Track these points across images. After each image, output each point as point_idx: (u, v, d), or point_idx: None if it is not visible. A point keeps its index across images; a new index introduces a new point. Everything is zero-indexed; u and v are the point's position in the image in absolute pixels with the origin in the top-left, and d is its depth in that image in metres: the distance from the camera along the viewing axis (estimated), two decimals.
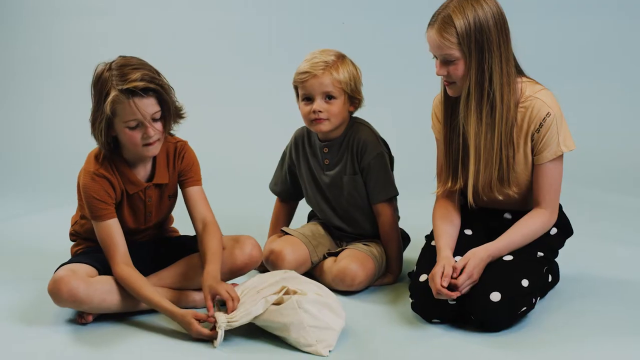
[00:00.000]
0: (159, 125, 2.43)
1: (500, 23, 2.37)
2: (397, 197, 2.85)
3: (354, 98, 2.76)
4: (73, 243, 2.69)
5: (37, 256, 3.12)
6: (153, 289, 2.45)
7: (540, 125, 2.42)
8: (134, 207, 2.56)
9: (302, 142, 2.90)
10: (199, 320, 2.33)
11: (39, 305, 2.58)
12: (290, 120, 3.09)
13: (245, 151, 4.33)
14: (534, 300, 2.44)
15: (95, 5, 4.88)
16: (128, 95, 2.36)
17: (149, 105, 2.39)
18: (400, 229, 2.89)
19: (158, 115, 2.43)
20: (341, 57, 2.74)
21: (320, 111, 2.70)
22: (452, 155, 2.53)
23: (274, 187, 3.03)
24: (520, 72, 2.47)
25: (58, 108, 4.74)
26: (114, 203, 2.49)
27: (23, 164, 4.52)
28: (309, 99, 2.73)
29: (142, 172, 2.55)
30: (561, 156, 2.47)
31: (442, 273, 2.35)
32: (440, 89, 2.52)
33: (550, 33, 4.71)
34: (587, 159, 3.99)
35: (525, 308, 2.40)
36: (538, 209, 2.48)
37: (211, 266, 2.45)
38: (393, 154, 2.88)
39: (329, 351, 2.27)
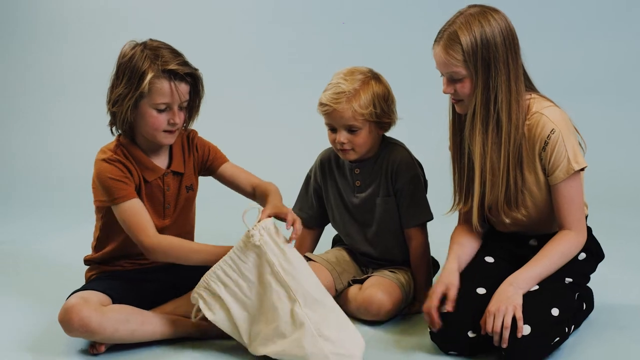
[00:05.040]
0: (182, 115, 2.44)
1: (509, 39, 2.30)
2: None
3: (382, 123, 2.67)
4: (87, 267, 2.63)
5: (51, 279, 3.09)
6: (197, 243, 2.43)
7: (546, 144, 2.32)
8: (153, 197, 2.50)
9: (329, 164, 2.82)
10: None
11: (51, 333, 2.51)
12: (310, 138, 3.02)
13: (263, 170, 4.29)
14: (567, 329, 2.32)
15: (109, 23, 4.94)
16: (170, 76, 2.37)
17: (184, 92, 2.41)
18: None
19: (185, 105, 2.45)
20: (366, 82, 2.64)
21: (344, 142, 2.63)
22: (463, 175, 2.45)
23: (299, 213, 2.92)
24: (531, 88, 2.39)
25: (79, 125, 4.78)
26: (133, 185, 2.43)
27: (41, 183, 4.56)
28: (333, 128, 2.66)
29: (159, 161, 2.52)
30: (577, 173, 2.34)
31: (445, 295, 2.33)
32: (448, 107, 2.45)
33: (574, 52, 4.69)
34: (619, 181, 3.90)
35: (558, 338, 2.28)
36: (563, 230, 2.37)
37: (274, 196, 2.49)
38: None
39: None
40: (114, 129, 2.49)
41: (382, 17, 4.95)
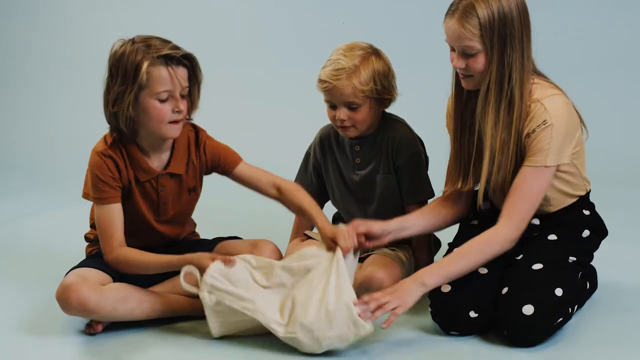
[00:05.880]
0: (184, 104, 2.37)
1: (524, 14, 2.25)
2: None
3: (382, 99, 2.64)
4: (88, 243, 2.60)
5: (50, 256, 3.06)
6: (155, 254, 2.38)
7: (533, 131, 2.26)
8: (147, 196, 2.46)
9: (329, 141, 2.79)
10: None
11: (48, 312, 2.49)
12: (309, 114, 2.99)
13: (262, 147, 4.27)
14: (570, 310, 2.29)
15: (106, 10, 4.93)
16: (166, 61, 2.31)
17: (183, 77, 2.34)
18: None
19: (186, 92, 2.37)
20: (366, 57, 2.60)
21: (344, 119, 2.60)
22: (464, 154, 2.41)
23: None
24: (534, 71, 2.33)
25: (77, 102, 4.75)
26: (119, 187, 2.39)
27: (40, 158, 4.54)
28: (332, 105, 2.63)
29: (157, 161, 2.45)
30: (545, 169, 2.26)
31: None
32: (451, 81, 2.39)
33: (577, 26, 4.61)
34: (624, 157, 3.86)
35: (561, 319, 2.26)
36: (497, 226, 2.30)
37: (321, 217, 2.48)
38: None
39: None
40: (115, 135, 2.41)
41: None
